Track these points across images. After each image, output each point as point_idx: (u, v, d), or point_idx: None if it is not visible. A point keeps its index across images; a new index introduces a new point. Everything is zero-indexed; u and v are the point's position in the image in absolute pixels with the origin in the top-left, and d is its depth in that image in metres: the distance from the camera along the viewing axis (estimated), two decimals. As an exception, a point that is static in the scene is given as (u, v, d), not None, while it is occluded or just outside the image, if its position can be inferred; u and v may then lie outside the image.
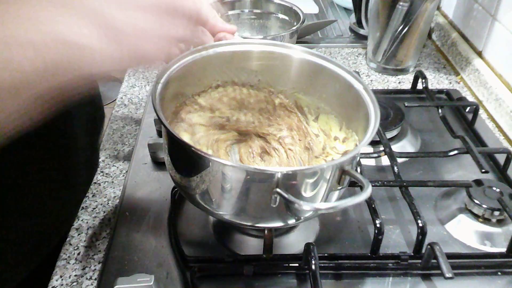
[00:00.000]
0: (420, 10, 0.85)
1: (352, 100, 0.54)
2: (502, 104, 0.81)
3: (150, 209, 0.62)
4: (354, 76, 0.54)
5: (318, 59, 0.56)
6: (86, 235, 0.60)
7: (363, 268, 0.55)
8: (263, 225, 0.51)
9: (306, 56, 0.57)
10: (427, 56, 1.03)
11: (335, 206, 0.42)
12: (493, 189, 0.62)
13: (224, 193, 0.46)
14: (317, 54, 0.56)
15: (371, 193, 0.41)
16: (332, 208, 0.43)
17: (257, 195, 0.45)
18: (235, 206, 0.47)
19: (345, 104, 0.56)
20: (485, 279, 0.55)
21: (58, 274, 0.55)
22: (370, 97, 0.51)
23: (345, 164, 0.45)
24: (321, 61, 0.56)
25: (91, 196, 0.66)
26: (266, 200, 0.44)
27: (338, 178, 0.46)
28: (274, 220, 0.48)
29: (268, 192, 0.43)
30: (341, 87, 0.55)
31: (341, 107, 0.57)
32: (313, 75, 0.57)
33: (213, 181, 0.45)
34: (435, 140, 0.77)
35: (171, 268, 0.55)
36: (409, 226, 0.61)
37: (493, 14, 0.88)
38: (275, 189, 0.42)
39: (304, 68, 0.57)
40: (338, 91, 0.56)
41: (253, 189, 0.45)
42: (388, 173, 0.68)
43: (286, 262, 0.55)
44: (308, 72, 0.58)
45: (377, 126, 0.47)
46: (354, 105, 0.53)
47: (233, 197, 0.46)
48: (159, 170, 0.69)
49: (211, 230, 0.60)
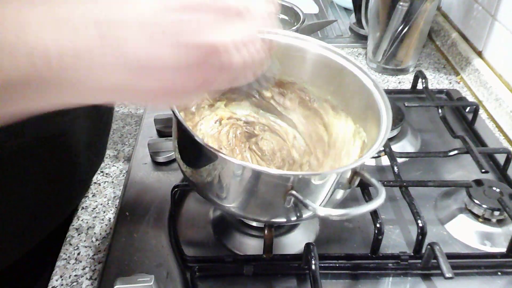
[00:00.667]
0: (420, 10, 0.85)
1: (364, 100, 0.53)
2: (502, 104, 0.81)
3: (150, 209, 0.62)
4: (371, 79, 0.53)
5: (336, 57, 0.55)
6: (86, 235, 0.60)
7: (363, 268, 0.55)
8: (266, 220, 0.51)
9: (321, 51, 0.56)
10: (427, 56, 1.03)
11: (347, 213, 0.41)
12: (493, 189, 0.62)
13: (237, 191, 0.46)
14: (334, 51, 0.55)
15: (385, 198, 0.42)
16: (346, 215, 0.42)
17: (271, 195, 0.46)
18: (245, 202, 0.47)
19: (355, 102, 0.56)
20: (485, 279, 0.55)
21: (58, 274, 0.55)
22: (384, 101, 0.51)
23: (358, 168, 0.45)
24: (338, 59, 0.55)
25: (91, 196, 0.66)
26: (279, 200, 0.44)
27: (349, 179, 0.46)
28: (279, 217, 0.49)
29: (282, 194, 0.43)
30: (353, 85, 0.54)
31: (351, 103, 0.57)
32: (326, 70, 0.57)
33: (227, 179, 0.46)
34: (435, 140, 0.77)
35: (171, 268, 0.55)
36: (409, 226, 0.61)
37: (493, 14, 0.88)
38: (291, 191, 0.43)
39: (318, 61, 0.57)
40: (349, 88, 0.55)
41: (269, 190, 0.45)
42: (388, 173, 0.68)
43: (286, 262, 0.55)
44: (321, 66, 0.57)
45: (389, 128, 0.47)
46: (364, 104, 0.53)
47: (245, 194, 0.46)
48: (159, 170, 0.69)
49: (211, 230, 0.60)
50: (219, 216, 0.61)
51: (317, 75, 0.58)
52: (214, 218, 0.61)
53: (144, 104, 0.37)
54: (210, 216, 0.61)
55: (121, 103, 0.85)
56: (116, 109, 0.84)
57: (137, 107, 0.82)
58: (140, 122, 0.79)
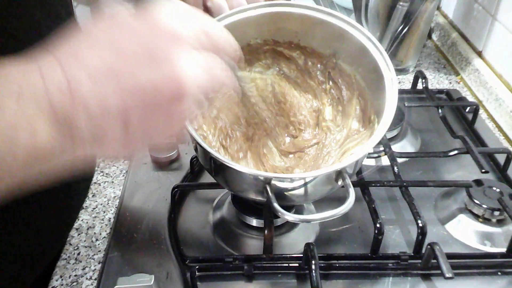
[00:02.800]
0: (420, 10, 0.85)
1: (378, 84, 0.53)
2: (502, 104, 0.81)
3: (150, 209, 0.62)
4: (388, 65, 0.52)
5: (360, 36, 0.54)
6: (86, 235, 0.60)
7: (363, 268, 0.55)
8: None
9: (345, 27, 0.55)
10: (427, 56, 1.03)
11: (306, 219, 0.46)
12: (493, 189, 0.61)
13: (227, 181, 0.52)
14: (361, 30, 0.54)
15: (352, 203, 0.43)
16: (305, 221, 0.47)
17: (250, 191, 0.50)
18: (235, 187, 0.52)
19: (372, 86, 0.55)
20: (485, 279, 0.55)
21: (58, 274, 0.55)
22: (394, 95, 0.50)
23: (344, 169, 0.46)
24: (360, 37, 0.54)
25: (91, 196, 0.66)
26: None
27: (335, 179, 0.47)
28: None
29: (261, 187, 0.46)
30: (369, 67, 0.54)
31: (370, 86, 0.56)
32: (351, 47, 0.56)
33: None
34: (435, 140, 0.77)
35: (171, 268, 0.55)
36: (409, 226, 0.61)
37: (493, 14, 0.88)
38: (266, 187, 0.45)
39: (343, 37, 0.56)
40: (367, 69, 0.55)
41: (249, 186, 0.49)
42: (388, 173, 0.67)
43: (286, 262, 0.55)
44: (347, 43, 0.56)
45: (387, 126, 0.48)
46: (378, 90, 0.53)
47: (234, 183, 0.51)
48: (159, 170, 0.69)
49: (211, 230, 0.60)
50: (219, 216, 0.61)
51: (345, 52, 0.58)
52: (214, 218, 0.61)
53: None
54: (210, 216, 0.61)
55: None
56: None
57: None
58: (140, 122, 0.79)
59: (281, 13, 0.56)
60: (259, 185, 0.46)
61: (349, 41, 0.55)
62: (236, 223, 0.59)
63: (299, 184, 0.47)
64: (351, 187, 0.44)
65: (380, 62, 0.52)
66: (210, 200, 0.64)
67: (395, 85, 0.50)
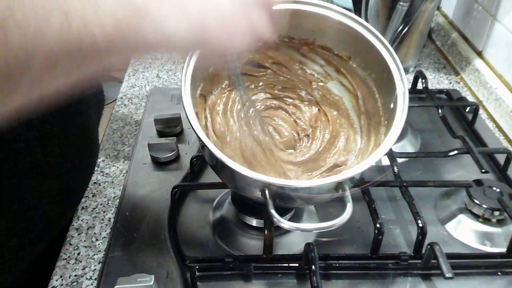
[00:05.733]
0: (420, 10, 0.85)
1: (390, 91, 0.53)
2: (502, 104, 0.81)
3: (150, 209, 0.62)
4: (401, 75, 0.53)
5: (374, 40, 0.55)
6: (86, 235, 0.60)
7: (363, 268, 0.55)
8: None
9: (361, 30, 0.55)
10: (427, 56, 1.03)
11: (299, 227, 0.46)
12: (493, 189, 0.62)
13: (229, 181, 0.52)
14: (376, 36, 0.55)
15: (348, 217, 0.43)
16: (298, 229, 0.46)
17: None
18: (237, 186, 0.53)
19: (384, 92, 0.55)
20: (485, 279, 0.55)
21: (58, 274, 0.55)
22: (404, 107, 0.52)
23: (345, 180, 0.46)
24: (375, 42, 0.55)
25: (91, 196, 0.66)
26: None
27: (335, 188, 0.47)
28: None
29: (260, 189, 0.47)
30: (383, 75, 0.54)
31: (381, 92, 0.56)
32: (363, 51, 0.56)
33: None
34: (435, 140, 0.77)
35: (171, 268, 0.55)
36: (409, 226, 0.61)
37: (493, 14, 0.88)
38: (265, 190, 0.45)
39: (357, 41, 0.56)
40: (380, 77, 0.55)
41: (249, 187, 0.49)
42: (388, 173, 0.67)
43: (286, 262, 0.55)
44: (359, 47, 0.56)
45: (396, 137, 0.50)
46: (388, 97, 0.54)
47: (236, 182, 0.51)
48: (159, 170, 0.69)
49: (211, 230, 0.60)
50: (219, 216, 0.61)
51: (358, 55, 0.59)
52: (214, 218, 0.61)
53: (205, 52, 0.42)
54: (210, 216, 0.61)
55: (121, 103, 0.85)
56: (116, 109, 0.84)
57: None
58: (140, 122, 0.79)
59: (299, 11, 0.56)
60: (259, 187, 0.46)
61: (364, 46, 0.55)
62: (236, 223, 0.59)
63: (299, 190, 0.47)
64: (350, 202, 0.44)
65: (394, 72, 0.53)
66: (210, 200, 0.64)
67: (406, 99, 0.51)
